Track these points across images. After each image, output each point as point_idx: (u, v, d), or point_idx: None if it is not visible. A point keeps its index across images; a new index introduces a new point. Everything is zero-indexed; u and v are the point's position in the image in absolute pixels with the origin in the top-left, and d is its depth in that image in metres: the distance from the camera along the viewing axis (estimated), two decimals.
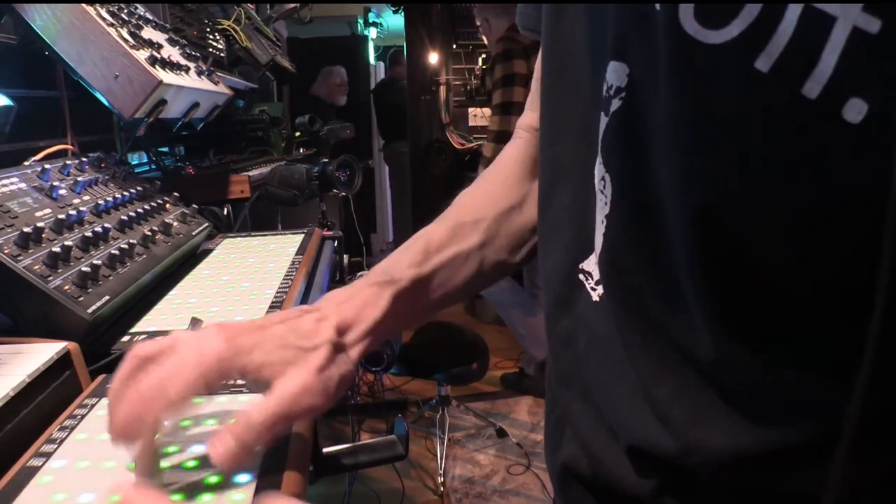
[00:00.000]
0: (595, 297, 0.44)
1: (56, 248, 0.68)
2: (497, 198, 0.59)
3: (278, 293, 0.80)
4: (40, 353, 0.55)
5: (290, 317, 0.46)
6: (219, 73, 1.54)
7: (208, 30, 1.78)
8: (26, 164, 0.92)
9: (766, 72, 0.29)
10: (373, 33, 5.93)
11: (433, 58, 4.52)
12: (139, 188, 1.02)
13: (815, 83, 0.28)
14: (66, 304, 0.63)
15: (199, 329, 0.43)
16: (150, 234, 0.88)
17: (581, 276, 0.46)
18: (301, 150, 2.44)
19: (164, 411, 0.40)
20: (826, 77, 0.27)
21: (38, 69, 1.16)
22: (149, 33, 1.22)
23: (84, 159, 0.97)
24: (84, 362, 0.59)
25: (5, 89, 1.09)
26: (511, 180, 0.60)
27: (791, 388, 0.34)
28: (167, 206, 1.04)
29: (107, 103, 1.02)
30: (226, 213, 1.54)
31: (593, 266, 0.44)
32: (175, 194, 1.11)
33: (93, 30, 1.00)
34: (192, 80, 1.25)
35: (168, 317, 0.75)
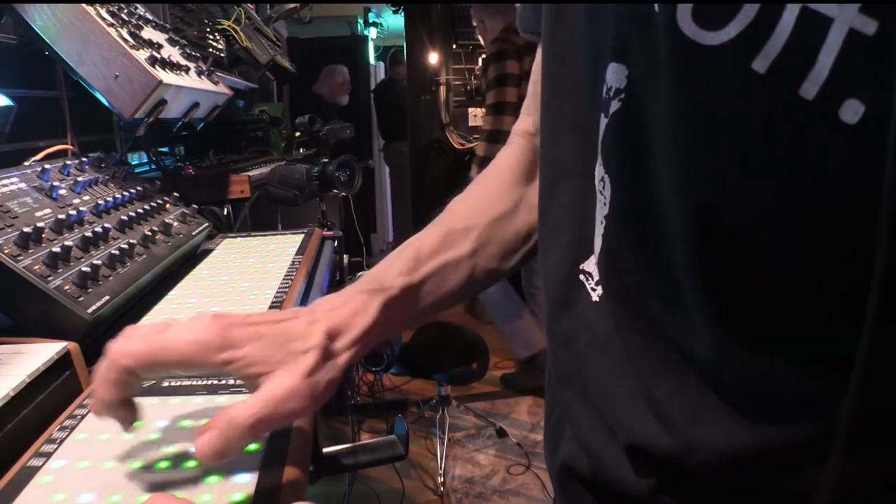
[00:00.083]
0: (595, 298, 0.44)
1: (56, 248, 0.68)
2: (489, 204, 0.59)
3: (278, 293, 0.80)
4: (40, 353, 0.55)
5: (285, 317, 0.46)
6: (219, 73, 1.54)
7: (208, 30, 1.78)
8: (26, 164, 0.92)
9: (763, 73, 0.29)
10: (373, 33, 5.93)
11: (433, 58, 4.52)
12: (139, 188, 1.01)
13: (812, 84, 0.28)
14: (66, 304, 0.63)
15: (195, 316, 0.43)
16: (150, 234, 0.88)
17: (581, 277, 0.46)
18: (301, 150, 2.43)
19: (151, 367, 0.40)
20: (823, 78, 0.27)
21: (38, 69, 1.16)
22: (149, 33, 1.22)
23: (84, 159, 0.97)
24: (84, 362, 0.59)
25: (5, 89, 1.09)
26: (504, 186, 0.60)
27: (791, 388, 0.34)
28: (167, 206, 1.04)
29: (107, 103, 1.02)
30: (226, 213, 1.54)
31: (593, 267, 0.44)
32: (175, 194, 1.11)
33: (93, 30, 1.00)
34: (192, 80, 1.25)
35: (168, 317, 0.75)
